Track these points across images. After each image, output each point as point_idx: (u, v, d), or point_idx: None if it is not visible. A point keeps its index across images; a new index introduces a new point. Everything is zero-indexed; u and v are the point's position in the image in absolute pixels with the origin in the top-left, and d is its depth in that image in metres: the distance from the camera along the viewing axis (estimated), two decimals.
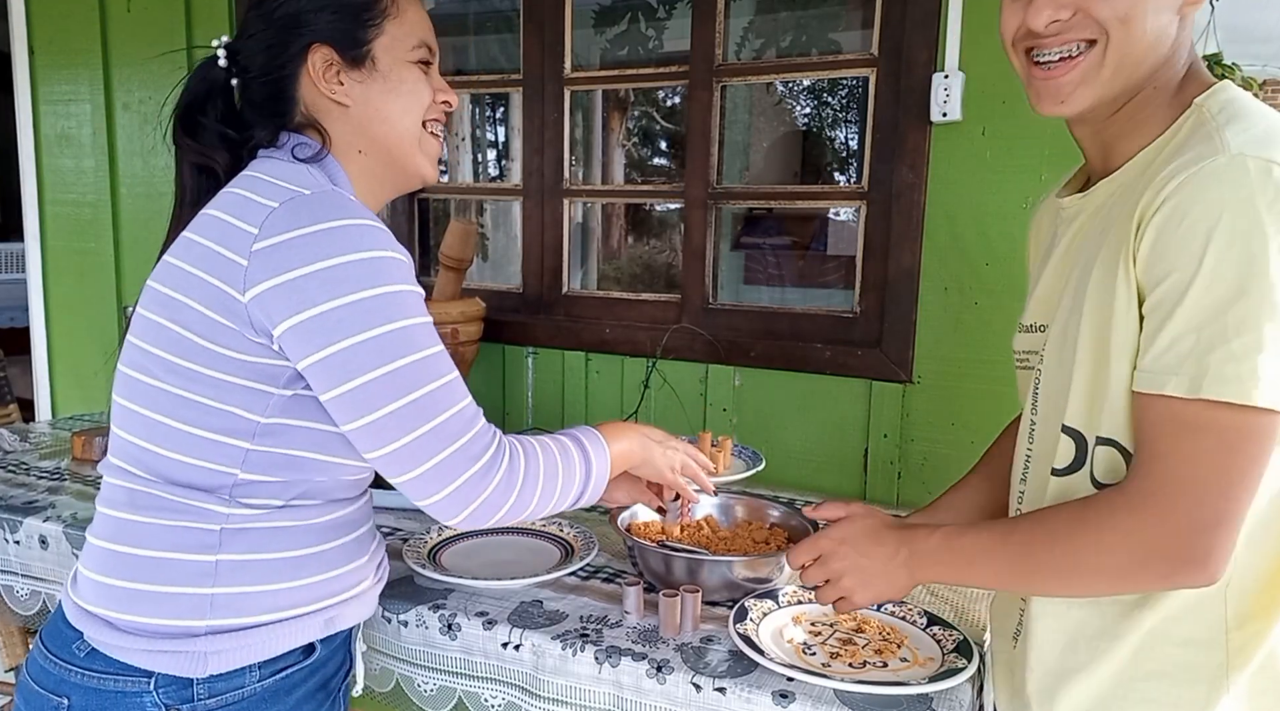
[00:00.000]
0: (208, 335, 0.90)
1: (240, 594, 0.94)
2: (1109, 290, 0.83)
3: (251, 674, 0.96)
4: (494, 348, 2.19)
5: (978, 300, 1.72)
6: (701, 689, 1.05)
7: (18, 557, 1.52)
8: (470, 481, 0.91)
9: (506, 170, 4.47)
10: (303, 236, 0.87)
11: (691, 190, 2.05)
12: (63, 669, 0.95)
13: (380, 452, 0.90)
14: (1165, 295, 0.78)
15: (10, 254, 6.89)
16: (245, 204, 0.91)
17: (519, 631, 1.16)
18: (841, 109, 4.73)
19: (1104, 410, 0.86)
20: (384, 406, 0.88)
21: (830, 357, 1.85)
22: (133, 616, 0.93)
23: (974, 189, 1.69)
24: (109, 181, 2.64)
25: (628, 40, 3.80)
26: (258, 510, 0.95)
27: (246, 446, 0.93)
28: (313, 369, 0.88)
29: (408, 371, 0.88)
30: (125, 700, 0.93)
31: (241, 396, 0.92)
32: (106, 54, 2.59)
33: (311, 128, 1.02)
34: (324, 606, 1.00)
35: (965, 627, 1.17)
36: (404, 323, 0.89)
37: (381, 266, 0.89)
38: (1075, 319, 0.89)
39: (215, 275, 0.90)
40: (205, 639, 0.93)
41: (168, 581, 0.93)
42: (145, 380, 0.94)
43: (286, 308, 0.87)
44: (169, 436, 0.93)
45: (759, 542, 1.35)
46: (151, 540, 0.94)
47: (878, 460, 1.84)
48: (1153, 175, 0.82)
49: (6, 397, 2.27)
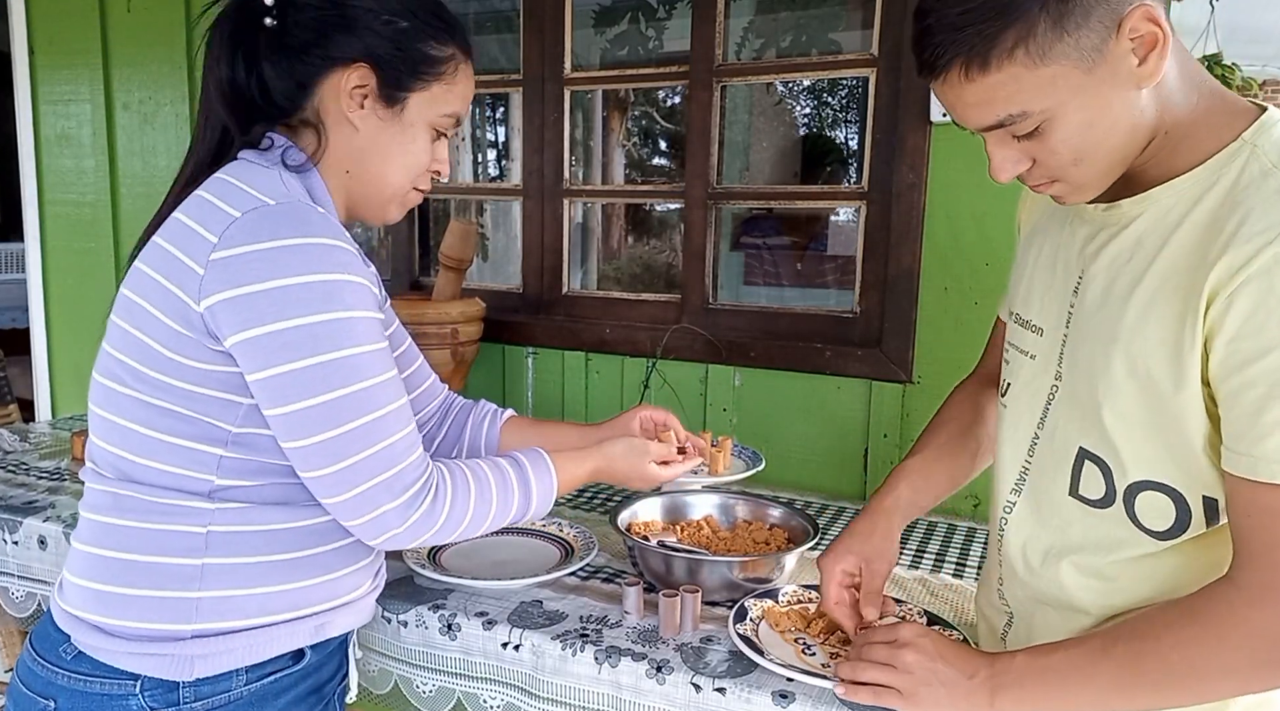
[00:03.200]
0: (170, 345, 0.90)
1: (226, 598, 0.94)
2: (1164, 349, 0.80)
3: (238, 677, 0.96)
4: (494, 348, 2.19)
5: (978, 300, 1.71)
6: (701, 689, 1.05)
7: (15, 558, 1.52)
8: (390, 513, 0.91)
9: (506, 170, 4.46)
10: (261, 251, 0.86)
11: (691, 190, 2.05)
12: (50, 671, 0.95)
13: (309, 474, 0.90)
14: (1265, 373, 0.73)
15: (10, 254, 6.89)
16: (210, 210, 0.90)
17: (519, 631, 1.15)
18: (841, 109, 4.73)
19: (1153, 458, 0.84)
20: (318, 434, 0.88)
21: (830, 358, 1.85)
22: (119, 620, 0.93)
23: (974, 189, 1.69)
24: (109, 181, 2.64)
25: (628, 40, 3.80)
26: (241, 513, 0.94)
27: (220, 453, 0.93)
28: (256, 385, 0.88)
29: (347, 401, 0.88)
30: (111, 703, 0.93)
31: (210, 406, 0.91)
32: (106, 54, 2.59)
33: (312, 129, 1.00)
34: (314, 612, 1.00)
35: (965, 628, 1.16)
36: (351, 351, 0.88)
37: (336, 290, 0.87)
38: (1099, 350, 0.86)
39: (174, 282, 0.89)
40: (191, 642, 0.93)
41: (153, 585, 0.93)
42: (117, 388, 0.94)
43: (236, 322, 0.86)
44: (144, 444, 0.93)
45: (759, 543, 1.35)
46: (137, 544, 0.93)
47: (878, 460, 1.84)
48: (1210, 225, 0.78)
49: (6, 398, 2.27)
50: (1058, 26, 0.74)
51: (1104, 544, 0.89)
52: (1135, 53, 0.76)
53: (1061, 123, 0.79)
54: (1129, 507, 0.86)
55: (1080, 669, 0.82)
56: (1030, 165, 0.84)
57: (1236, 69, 1.83)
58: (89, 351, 0.99)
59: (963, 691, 0.88)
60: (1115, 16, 0.74)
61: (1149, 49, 0.76)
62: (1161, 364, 0.80)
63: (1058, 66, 0.76)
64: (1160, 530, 0.85)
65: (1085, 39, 0.75)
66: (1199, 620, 0.78)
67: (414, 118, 1.01)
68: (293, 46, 0.97)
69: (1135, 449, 0.85)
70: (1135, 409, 0.83)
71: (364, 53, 0.97)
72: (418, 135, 1.02)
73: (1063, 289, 0.94)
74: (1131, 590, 0.88)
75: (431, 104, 1.01)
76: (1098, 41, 0.75)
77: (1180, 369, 0.79)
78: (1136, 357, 0.82)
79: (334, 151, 1.00)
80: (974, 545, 1.55)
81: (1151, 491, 0.85)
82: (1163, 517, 0.85)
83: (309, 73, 0.98)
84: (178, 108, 2.51)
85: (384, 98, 0.99)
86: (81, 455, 1.86)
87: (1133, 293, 0.83)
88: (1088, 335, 0.88)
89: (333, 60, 0.97)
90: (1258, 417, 0.74)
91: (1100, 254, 0.89)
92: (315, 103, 0.99)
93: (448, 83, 1.02)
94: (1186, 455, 0.81)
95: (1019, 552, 0.99)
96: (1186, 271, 0.78)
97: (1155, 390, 0.81)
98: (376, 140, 1.00)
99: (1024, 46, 0.75)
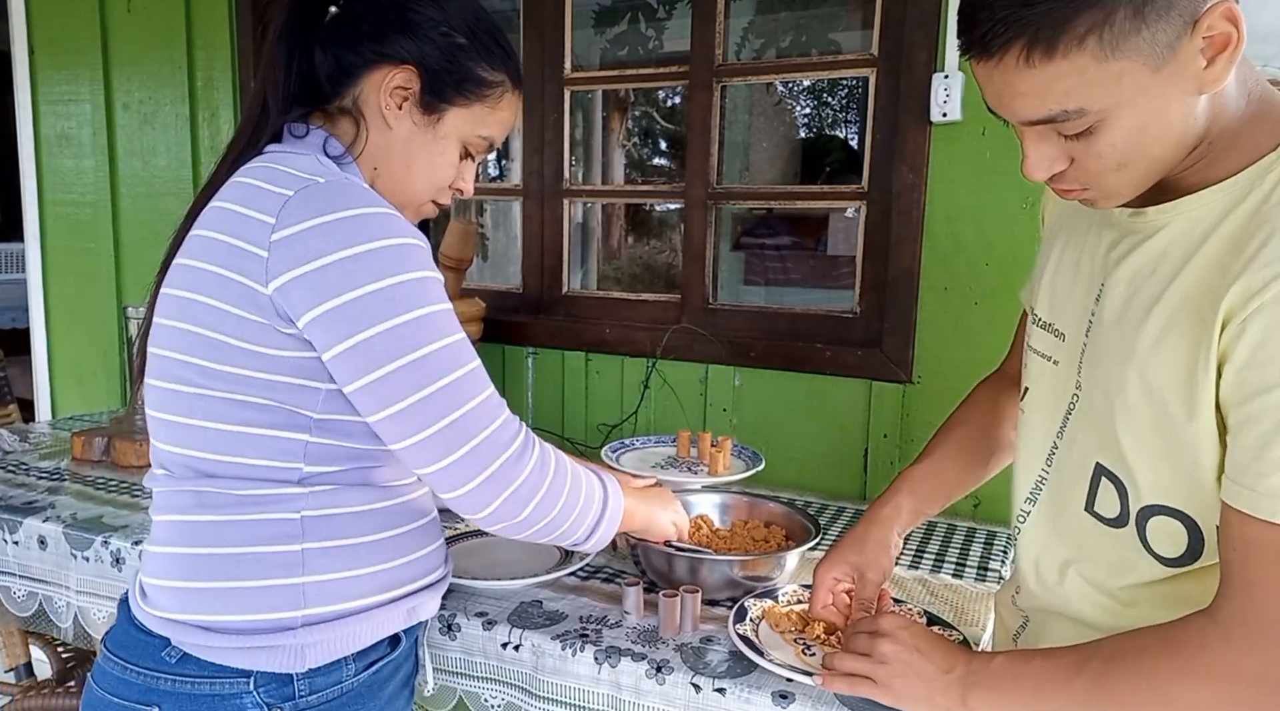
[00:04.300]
0: (240, 335, 0.88)
1: (329, 582, 0.93)
2: (1179, 373, 0.77)
3: (348, 667, 0.96)
4: (494, 348, 2.19)
5: (978, 300, 1.72)
6: (701, 689, 1.05)
7: (16, 558, 1.52)
8: (501, 469, 0.89)
9: (506, 170, 4.46)
10: (322, 224, 0.85)
11: (691, 190, 2.05)
12: (149, 677, 0.93)
13: (407, 443, 0.88)
14: (1272, 407, 0.69)
15: (10, 254, 6.89)
16: (259, 194, 0.89)
17: (519, 631, 1.15)
18: (841, 109, 4.73)
19: (1168, 483, 0.81)
20: (409, 396, 0.86)
21: (830, 357, 1.85)
22: (226, 616, 0.92)
23: (974, 189, 1.69)
24: (109, 181, 2.64)
25: (628, 40, 3.81)
26: (331, 495, 0.94)
27: (306, 438, 0.92)
28: (336, 360, 0.87)
29: (432, 360, 0.87)
30: (223, 703, 0.91)
31: (289, 393, 0.90)
32: (106, 54, 2.59)
33: (351, 119, 1.00)
34: (404, 593, 1.00)
35: (965, 627, 1.16)
36: (427, 309, 0.87)
37: (403, 253, 0.87)
38: (1116, 365, 0.82)
39: (235, 270, 0.87)
40: (301, 631, 0.92)
41: (256, 576, 0.92)
42: (185, 389, 0.92)
43: (309, 298, 0.85)
44: (226, 440, 0.91)
45: (758, 542, 1.35)
46: (232, 537, 0.92)
47: (878, 460, 1.84)
48: (1234, 242, 0.73)
49: (6, 398, 2.27)
50: (1138, 16, 0.68)
51: (1117, 565, 0.87)
52: (1204, 53, 0.70)
53: (1115, 125, 0.73)
54: (1141, 530, 0.84)
55: (1053, 680, 0.81)
56: (1068, 166, 0.78)
57: None
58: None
59: (938, 685, 0.88)
60: (1194, 12, 0.68)
61: (1218, 50, 0.70)
62: (1176, 390, 0.77)
63: (1128, 61, 0.69)
64: (1170, 557, 0.83)
65: (1161, 33, 0.69)
66: (1171, 649, 0.76)
67: (449, 131, 1.01)
68: (349, 36, 0.98)
69: (1149, 472, 0.82)
70: (1149, 433, 0.80)
71: (415, 56, 0.98)
72: (448, 148, 1.02)
73: (1085, 295, 0.90)
74: (1144, 616, 0.85)
75: (469, 122, 1.02)
76: (1172, 37, 0.69)
77: (1193, 396, 0.75)
78: (1152, 380, 0.79)
79: (369, 147, 1.00)
80: (974, 545, 1.55)
81: (1164, 516, 0.82)
82: (1174, 544, 0.82)
83: (357, 62, 0.98)
84: (178, 108, 2.51)
85: (423, 104, 0.99)
86: (82, 455, 1.86)
87: (1151, 311, 0.79)
88: (1105, 349, 0.85)
89: (384, 56, 0.98)
90: (1262, 453, 0.70)
91: (1123, 262, 0.84)
92: (356, 92, 0.99)
93: (490, 106, 1.02)
94: (1200, 484, 0.78)
95: (1032, 564, 0.97)
96: (1206, 292, 0.74)
97: (1168, 416, 0.78)
98: (408, 144, 1.00)
99: (1098, 34, 0.68)
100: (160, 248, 1.00)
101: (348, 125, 1.00)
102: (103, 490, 1.67)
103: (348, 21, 0.99)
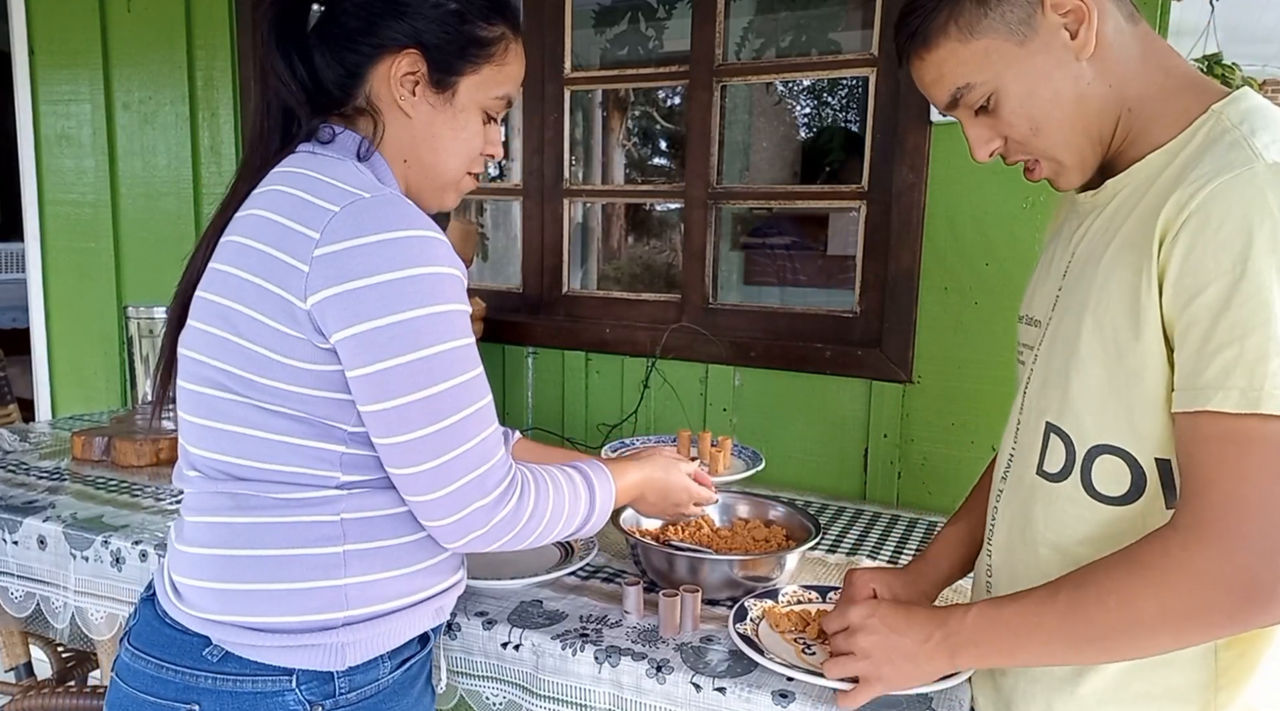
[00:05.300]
0: (280, 349, 0.88)
1: (370, 582, 0.94)
2: (1124, 300, 0.81)
3: (384, 665, 0.97)
4: (494, 348, 2.19)
5: (978, 300, 1.72)
6: (701, 689, 1.05)
7: (15, 558, 1.52)
8: (478, 511, 0.91)
9: (506, 170, 4.46)
10: (365, 245, 0.85)
11: (691, 190, 2.05)
12: (188, 675, 0.93)
13: (403, 471, 0.90)
14: (1205, 307, 0.74)
15: (10, 254, 6.88)
16: (303, 207, 0.88)
17: (519, 631, 1.16)
18: (841, 109, 4.72)
19: (1112, 419, 0.84)
20: (418, 429, 0.87)
21: (830, 357, 1.85)
22: (272, 617, 0.92)
23: (974, 189, 1.69)
24: (109, 181, 2.64)
25: (628, 40, 3.80)
26: (369, 498, 0.94)
27: (342, 449, 0.92)
28: (357, 381, 0.88)
29: (446, 396, 0.88)
30: (265, 700, 0.92)
31: (327, 407, 0.91)
32: (106, 54, 2.59)
33: (368, 117, 0.99)
34: (433, 593, 1.00)
35: None
36: (452, 344, 0.88)
37: (440, 284, 0.87)
38: (1072, 320, 0.88)
39: (275, 282, 0.87)
40: (342, 630, 0.93)
41: (300, 578, 0.92)
42: (221, 395, 0.92)
43: (344, 318, 0.85)
44: (262, 447, 0.92)
45: (759, 541, 1.35)
46: (272, 539, 0.92)
47: (878, 460, 1.84)
48: (1169, 182, 0.80)
49: (6, 398, 2.27)
50: (981, 3, 0.85)
51: (1062, 519, 0.90)
52: (1068, 27, 0.84)
53: (1006, 94, 0.87)
54: (1085, 475, 0.88)
55: (1028, 618, 0.83)
56: (1003, 143, 0.91)
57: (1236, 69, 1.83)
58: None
59: (924, 656, 0.90)
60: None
61: (1079, 23, 0.83)
62: (1122, 315, 0.81)
63: (989, 39, 0.85)
64: (1115, 495, 0.86)
65: (1010, 14, 0.85)
66: (1136, 564, 0.78)
67: (465, 102, 1.00)
68: (342, 34, 0.97)
69: (1095, 414, 0.86)
70: (1098, 369, 0.85)
71: (413, 38, 0.96)
72: (469, 120, 1.01)
73: (1054, 280, 0.96)
74: None
75: (482, 86, 1.01)
76: (1024, 15, 0.84)
77: (1139, 317, 0.80)
78: (1102, 317, 0.84)
79: (392, 139, 0.99)
80: None
81: (1107, 455, 0.85)
82: (1117, 483, 0.86)
83: (359, 60, 0.97)
84: (178, 108, 2.51)
85: (434, 83, 0.98)
86: (82, 455, 1.86)
87: (1100, 262, 0.85)
88: (1067, 310, 0.90)
89: (382, 47, 0.96)
90: (1201, 350, 0.74)
91: (1084, 237, 0.92)
92: (368, 90, 0.98)
93: (498, 63, 1.01)
94: (1145, 412, 0.82)
95: (1004, 536, 1.00)
96: (1146, 224, 0.81)
97: (1117, 344, 0.82)
98: (430, 127, 1.00)
99: (954, 22, 0.86)
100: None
101: (366, 124, 0.99)
102: (103, 490, 1.67)
103: (335, 20, 0.97)
